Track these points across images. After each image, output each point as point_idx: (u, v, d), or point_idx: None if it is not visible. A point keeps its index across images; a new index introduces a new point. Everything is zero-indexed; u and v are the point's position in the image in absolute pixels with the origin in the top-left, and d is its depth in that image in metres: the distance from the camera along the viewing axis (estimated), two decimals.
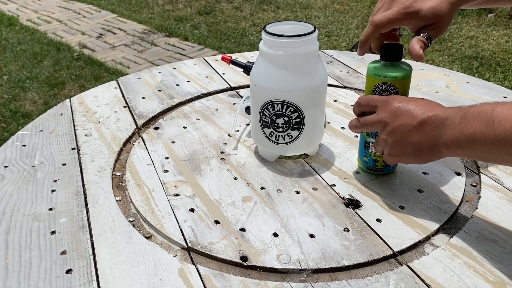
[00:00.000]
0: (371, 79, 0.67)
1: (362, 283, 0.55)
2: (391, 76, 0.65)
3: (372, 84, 0.67)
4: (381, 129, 0.63)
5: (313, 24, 0.69)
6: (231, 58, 1.04)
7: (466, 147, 0.54)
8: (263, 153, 0.79)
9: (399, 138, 0.60)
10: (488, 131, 0.51)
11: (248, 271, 0.57)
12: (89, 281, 0.55)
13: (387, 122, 0.61)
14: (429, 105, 0.59)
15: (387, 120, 0.61)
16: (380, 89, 0.66)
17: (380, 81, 0.65)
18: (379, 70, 0.66)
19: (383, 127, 0.62)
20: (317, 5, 4.55)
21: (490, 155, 0.52)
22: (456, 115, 0.55)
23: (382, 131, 0.63)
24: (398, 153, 0.62)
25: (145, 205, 0.68)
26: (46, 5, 4.75)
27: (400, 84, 0.65)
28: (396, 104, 0.61)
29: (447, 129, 0.56)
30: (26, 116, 2.49)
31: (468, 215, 0.65)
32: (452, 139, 0.55)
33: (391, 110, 0.61)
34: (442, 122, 0.56)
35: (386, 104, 0.62)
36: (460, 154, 0.56)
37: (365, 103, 0.66)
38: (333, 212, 0.66)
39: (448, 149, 0.56)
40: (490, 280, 0.54)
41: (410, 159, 0.62)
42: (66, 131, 0.88)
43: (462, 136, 0.54)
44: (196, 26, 4.01)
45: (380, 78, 0.65)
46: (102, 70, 3.09)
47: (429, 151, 0.59)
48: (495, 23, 3.86)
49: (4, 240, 0.62)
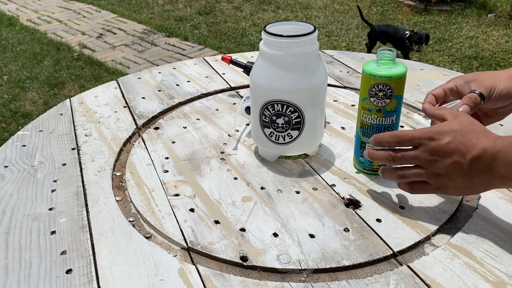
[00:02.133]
0: (367, 79, 0.67)
1: (362, 283, 0.55)
2: (386, 76, 0.65)
3: (368, 84, 0.67)
4: (430, 167, 0.59)
5: (313, 24, 0.69)
6: (231, 58, 1.04)
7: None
8: (263, 153, 0.79)
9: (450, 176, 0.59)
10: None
11: (248, 271, 0.57)
12: (89, 281, 0.55)
13: (437, 161, 0.58)
14: (477, 137, 0.57)
15: (436, 158, 0.58)
16: (376, 89, 0.66)
17: (376, 81, 0.66)
18: (374, 70, 0.66)
19: (432, 165, 0.59)
20: (317, 5, 4.55)
21: None
22: (507, 150, 0.55)
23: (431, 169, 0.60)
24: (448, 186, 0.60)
25: (145, 205, 0.68)
26: (46, 5, 4.75)
27: (395, 83, 0.65)
28: (443, 141, 0.58)
29: (500, 166, 0.55)
30: (26, 116, 2.49)
31: (468, 215, 0.65)
32: (507, 175, 0.55)
33: (439, 148, 0.58)
34: (494, 159, 0.56)
35: (432, 141, 0.59)
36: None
37: (406, 142, 0.61)
38: (333, 212, 0.66)
39: (504, 184, 0.57)
40: (490, 280, 0.54)
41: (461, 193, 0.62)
42: (66, 131, 0.88)
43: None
44: (196, 26, 4.01)
45: (375, 78, 0.66)
46: (102, 70, 3.09)
47: (482, 185, 0.59)
48: (495, 23, 3.86)
49: (4, 240, 0.62)
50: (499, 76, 0.67)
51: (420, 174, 0.61)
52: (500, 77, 0.67)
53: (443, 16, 4.08)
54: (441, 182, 0.60)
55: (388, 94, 0.66)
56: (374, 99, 0.67)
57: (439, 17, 4.05)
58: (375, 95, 0.67)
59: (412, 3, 4.36)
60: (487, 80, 0.66)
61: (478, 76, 0.68)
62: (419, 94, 1.00)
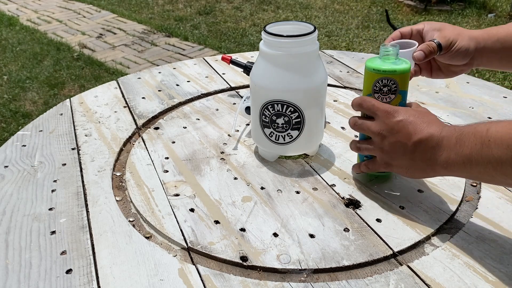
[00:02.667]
0: (370, 75, 0.65)
1: (362, 283, 0.55)
2: (390, 70, 0.64)
3: (371, 80, 0.65)
4: (378, 141, 0.63)
5: (313, 24, 0.69)
6: (231, 58, 1.04)
7: (463, 168, 0.55)
8: (263, 153, 0.79)
9: (394, 153, 0.61)
10: (485, 152, 0.51)
11: (248, 271, 0.57)
12: (89, 281, 0.55)
13: (385, 136, 0.61)
14: (427, 123, 0.59)
15: (385, 134, 0.61)
16: (380, 84, 0.65)
17: (380, 76, 0.64)
18: (378, 65, 0.65)
19: (380, 140, 0.62)
20: (317, 5, 4.55)
21: (487, 175, 0.53)
22: (451, 136, 0.56)
23: (378, 143, 0.63)
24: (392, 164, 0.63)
25: (145, 205, 0.68)
26: (46, 5, 4.75)
27: (400, 78, 0.64)
28: (395, 119, 0.60)
29: (442, 151, 0.56)
30: (26, 116, 2.49)
31: (468, 215, 0.65)
32: (447, 160, 0.56)
33: (390, 124, 0.61)
34: (438, 143, 0.57)
35: (386, 117, 0.61)
36: (457, 174, 0.57)
37: (366, 107, 0.64)
38: (333, 212, 0.66)
39: (445, 169, 0.57)
40: (490, 280, 0.54)
41: (403, 173, 0.63)
42: (66, 131, 0.88)
43: (458, 158, 0.54)
44: (196, 26, 4.01)
45: (379, 73, 0.64)
46: (102, 70, 3.09)
47: (422, 171, 0.60)
48: (495, 23, 3.86)
49: (4, 240, 0.62)
50: (463, 34, 0.69)
51: (370, 149, 0.65)
52: (464, 34, 0.69)
53: (443, 16, 4.08)
54: (385, 159, 0.63)
55: (393, 89, 0.64)
56: (379, 95, 0.65)
57: (439, 17, 4.05)
58: (379, 91, 0.65)
59: (412, 3, 4.36)
60: (450, 33, 0.68)
61: (444, 27, 0.70)
62: (419, 94, 1.00)
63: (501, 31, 0.70)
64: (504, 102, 0.95)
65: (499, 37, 0.69)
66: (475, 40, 0.69)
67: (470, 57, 0.69)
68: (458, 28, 0.69)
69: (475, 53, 0.69)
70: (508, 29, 0.69)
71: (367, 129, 0.64)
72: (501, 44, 0.69)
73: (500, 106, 0.94)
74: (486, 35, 0.70)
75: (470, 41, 0.68)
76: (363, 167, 0.69)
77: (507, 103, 0.95)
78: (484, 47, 0.69)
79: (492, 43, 0.69)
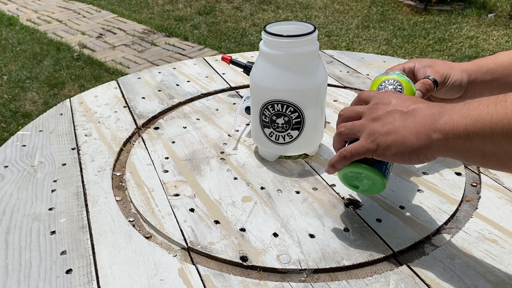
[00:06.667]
0: (377, 80, 0.65)
1: (362, 283, 0.55)
2: (398, 75, 0.63)
3: (376, 83, 0.65)
4: (368, 112, 0.55)
5: (313, 24, 0.69)
6: (231, 58, 1.04)
7: (464, 135, 0.45)
8: (263, 153, 0.79)
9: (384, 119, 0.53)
10: (498, 113, 0.42)
11: (248, 271, 0.57)
12: (89, 281, 0.55)
13: (378, 107, 0.55)
14: (422, 101, 0.54)
15: (380, 106, 0.55)
16: (386, 83, 0.63)
17: (387, 77, 0.64)
18: (386, 74, 0.65)
19: (371, 111, 0.55)
20: (317, 5, 4.55)
21: (493, 145, 0.43)
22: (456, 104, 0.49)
23: (369, 114, 0.55)
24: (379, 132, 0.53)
25: (145, 205, 0.68)
26: (46, 5, 4.75)
27: (406, 85, 0.63)
28: (390, 96, 0.56)
29: (444, 114, 0.48)
30: (26, 116, 2.49)
31: (468, 215, 0.65)
32: (447, 122, 0.47)
33: (385, 98, 0.56)
34: (440, 110, 0.49)
35: (380, 95, 0.57)
36: (453, 145, 0.47)
37: (365, 96, 0.59)
38: (333, 212, 0.66)
39: (443, 135, 0.47)
40: (490, 280, 0.54)
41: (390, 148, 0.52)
42: (66, 131, 0.88)
43: (461, 119, 0.45)
44: (196, 26, 4.01)
45: (386, 75, 0.64)
46: (102, 70, 3.09)
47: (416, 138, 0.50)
48: (495, 23, 3.86)
49: (4, 240, 0.62)
50: (454, 67, 0.68)
51: (355, 125, 0.56)
52: (455, 68, 0.68)
53: (443, 16, 4.08)
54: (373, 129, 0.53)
55: (398, 89, 0.62)
56: None
57: (439, 17, 4.05)
58: (384, 89, 0.64)
59: (412, 3, 4.36)
60: (443, 68, 0.68)
61: (435, 62, 0.69)
62: None
63: (489, 62, 0.69)
64: None
65: (488, 68, 0.68)
66: (467, 72, 0.68)
67: (464, 89, 0.69)
68: (448, 63, 0.69)
69: (468, 85, 0.68)
70: (496, 60, 0.69)
71: (357, 110, 0.57)
72: (491, 75, 0.68)
73: None
74: (476, 67, 0.69)
75: (462, 74, 0.68)
76: (343, 152, 0.56)
77: None
78: (476, 79, 0.68)
79: (482, 75, 0.69)
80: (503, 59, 0.69)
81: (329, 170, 0.59)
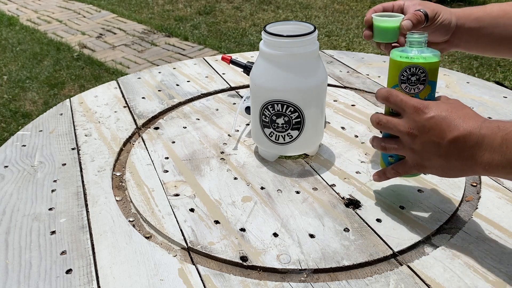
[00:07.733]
0: (397, 63, 0.60)
1: (362, 283, 0.55)
2: (420, 57, 0.59)
3: (398, 69, 0.60)
4: (408, 140, 0.57)
5: (313, 24, 0.69)
6: (231, 58, 1.04)
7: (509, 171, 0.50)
8: (263, 153, 0.79)
9: (426, 154, 0.56)
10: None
11: (248, 271, 0.57)
12: (89, 281, 0.55)
13: (415, 135, 0.56)
14: (463, 118, 0.54)
15: (415, 132, 0.56)
16: (408, 73, 0.59)
17: (408, 64, 0.59)
18: (405, 53, 0.60)
19: (410, 139, 0.57)
20: (317, 5, 4.55)
21: None
22: (495, 135, 0.50)
23: (409, 143, 0.58)
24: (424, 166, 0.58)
25: (145, 205, 0.68)
26: (46, 5, 4.75)
27: (429, 66, 0.59)
28: (426, 115, 0.55)
29: (484, 151, 0.51)
30: (26, 116, 2.49)
31: (468, 215, 0.65)
32: (491, 162, 0.51)
33: (420, 121, 0.55)
34: (478, 143, 0.51)
35: (415, 113, 0.56)
36: (500, 176, 0.52)
37: (393, 102, 0.59)
38: (333, 212, 0.66)
39: (487, 170, 0.52)
40: (490, 280, 0.54)
41: (437, 174, 0.58)
42: (66, 131, 0.88)
43: (504, 160, 0.49)
44: (196, 26, 4.01)
45: (408, 59, 0.59)
46: (102, 70, 3.09)
47: (460, 171, 0.55)
48: None
49: (4, 240, 0.62)
50: (445, 8, 0.69)
51: (399, 148, 0.59)
52: (445, 8, 0.69)
53: None
54: (417, 160, 0.58)
55: (422, 79, 0.59)
56: (406, 85, 0.60)
57: None
58: (406, 81, 0.60)
59: None
60: (433, 6, 0.68)
61: (425, 2, 0.70)
62: None
63: (478, 10, 0.70)
64: (504, 102, 0.95)
65: (476, 16, 0.69)
66: (456, 16, 0.69)
67: (451, 32, 0.69)
68: (438, 4, 0.70)
69: (456, 29, 0.69)
70: (485, 9, 0.70)
71: (394, 128, 0.58)
72: (478, 23, 0.69)
73: (500, 106, 0.94)
74: (465, 13, 0.70)
75: (451, 16, 0.69)
76: (391, 172, 0.62)
77: (507, 103, 0.95)
78: (463, 24, 0.69)
79: (470, 22, 0.69)
80: (492, 9, 0.70)
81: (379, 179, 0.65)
